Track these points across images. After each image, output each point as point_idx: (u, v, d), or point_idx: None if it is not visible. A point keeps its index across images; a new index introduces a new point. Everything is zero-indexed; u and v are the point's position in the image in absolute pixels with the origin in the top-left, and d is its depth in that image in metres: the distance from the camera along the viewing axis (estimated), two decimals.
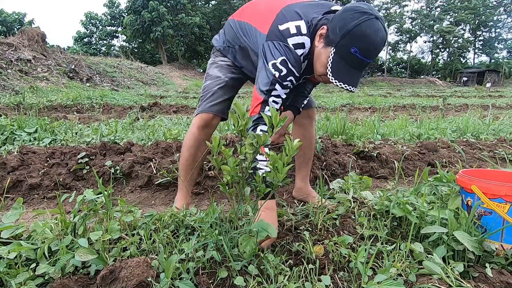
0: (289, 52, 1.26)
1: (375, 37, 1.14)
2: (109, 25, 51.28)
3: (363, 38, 1.13)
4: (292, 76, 1.28)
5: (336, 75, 1.21)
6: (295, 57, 1.27)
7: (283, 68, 1.26)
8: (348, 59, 1.18)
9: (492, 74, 39.62)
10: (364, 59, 1.17)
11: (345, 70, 1.20)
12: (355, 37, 1.14)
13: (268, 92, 1.28)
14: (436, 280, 0.99)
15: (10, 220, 1.15)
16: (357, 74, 1.22)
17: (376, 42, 1.15)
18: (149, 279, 0.95)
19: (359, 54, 1.16)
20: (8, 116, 4.04)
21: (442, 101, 8.00)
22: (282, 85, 1.28)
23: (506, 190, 1.12)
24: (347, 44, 1.15)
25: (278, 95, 1.29)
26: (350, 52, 1.16)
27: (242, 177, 1.14)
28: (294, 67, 1.27)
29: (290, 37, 1.26)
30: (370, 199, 1.52)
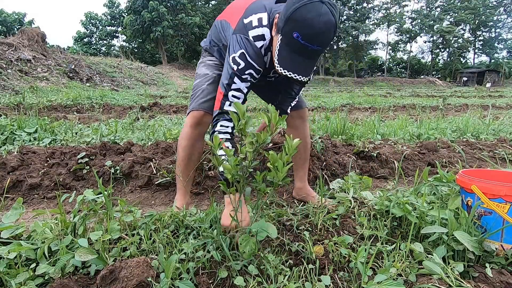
0: (249, 44, 1.25)
1: (317, 21, 1.06)
2: (109, 25, 51.28)
3: (303, 22, 1.07)
4: (251, 69, 1.27)
5: (281, 63, 1.16)
6: (254, 50, 1.25)
7: (241, 61, 1.25)
8: (292, 46, 1.12)
9: (492, 74, 39.62)
10: (307, 44, 1.10)
11: (290, 57, 1.14)
12: (295, 22, 1.08)
13: (228, 86, 1.27)
14: (436, 280, 0.99)
15: (10, 220, 1.15)
16: (305, 61, 1.15)
17: (318, 27, 1.07)
18: (149, 279, 0.95)
19: (301, 39, 1.09)
20: (8, 116, 4.04)
21: (442, 101, 8.00)
22: (241, 78, 1.27)
23: (506, 190, 1.12)
24: (289, 30, 1.10)
25: (238, 88, 1.28)
26: (293, 38, 1.10)
27: (242, 176, 1.14)
28: (254, 60, 1.26)
29: (251, 29, 1.25)
30: (370, 199, 1.52)
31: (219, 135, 1.27)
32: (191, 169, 1.64)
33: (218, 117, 1.29)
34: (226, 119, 1.28)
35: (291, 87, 1.57)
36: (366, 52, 53.68)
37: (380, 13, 51.93)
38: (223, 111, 1.29)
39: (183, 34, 37.58)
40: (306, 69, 1.17)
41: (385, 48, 55.58)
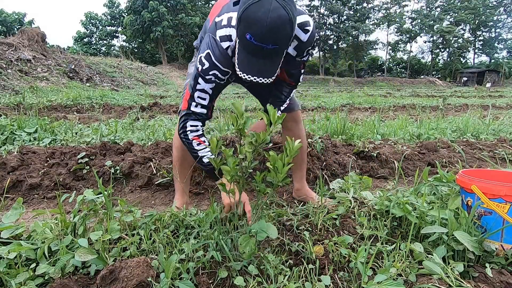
0: (215, 44, 1.22)
1: (266, 19, 1.01)
2: (109, 25, 51.28)
3: (252, 22, 1.02)
4: (215, 70, 1.23)
5: (240, 67, 1.13)
6: (220, 50, 1.22)
7: (206, 61, 1.23)
8: (248, 48, 1.08)
9: (492, 74, 39.62)
10: (260, 44, 1.05)
11: (247, 60, 1.11)
12: (245, 22, 1.04)
13: (193, 87, 1.27)
14: (436, 280, 0.99)
15: (10, 220, 1.15)
16: (264, 63, 1.11)
17: (268, 24, 1.01)
18: (149, 279, 0.95)
19: (254, 40, 1.05)
20: (8, 116, 4.04)
21: (442, 101, 8.00)
22: (205, 79, 1.24)
23: (506, 190, 1.12)
24: (242, 32, 1.07)
25: (202, 89, 1.26)
26: (246, 39, 1.06)
27: (242, 176, 1.14)
28: (219, 61, 1.22)
29: (219, 28, 1.22)
30: (370, 199, 1.52)
31: (192, 134, 1.29)
32: (187, 169, 1.64)
33: (185, 117, 1.30)
34: (194, 119, 1.30)
35: (280, 90, 1.53)
36: (366, 52, 53.67)
37: (380, 13, 51.95)
38: (190, 111, 1.29)
39: (183, 34, 37.59)
40: (267, 71, 1.13)
41: (385, 48, 55.60)
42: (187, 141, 1.31)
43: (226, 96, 10.86)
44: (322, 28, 50.66)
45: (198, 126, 1.31)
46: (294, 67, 1.43)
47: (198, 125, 1.31)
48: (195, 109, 1.29)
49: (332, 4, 48.09)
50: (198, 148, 1.30)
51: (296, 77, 1.49)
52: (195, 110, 1.29)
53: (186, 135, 1.30)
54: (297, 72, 1.47)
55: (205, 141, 1.31)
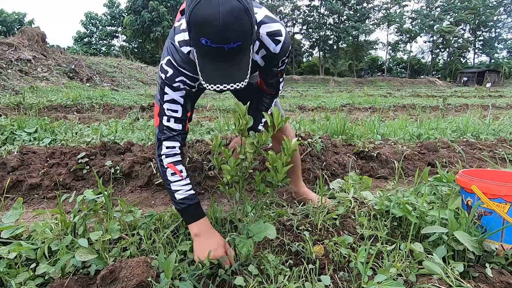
0: (174, 50, 1.11)
1: (216, 15, 0.87)
2: (109, 25, 51.30)
3: (203, 23, 0.89)
4: (182, 76, 1.11)
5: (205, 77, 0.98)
6: (181, 56, 1.10)
7: (169, 68, 1.11)
8: (207, 53, 0.95)
9: (492, 74, 39.61)
10: (220, 46, 0.91)
11: (209, 67, 0.97)
12: (196, 26, 0.91)
13: (162, 99, 1.13)
14: (436, 280, 0.99)
15: (10, 220, 1.15)
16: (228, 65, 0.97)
17: (221, 21, 0.88)
18: (149, 279, 0.95)
19: (211, 43, 0.91)
20: (8, 116, 4.04)
21: (442, 101, 8.00)
22: (172, 87, 1.12)
23: (506, 190, 1.12)
24: (195, 37, 0.93)
25: (172, 99, 1.13)
26: (202, 45, 0.92)
27: (242, 177, 1.14)
28: (182, 66, 1.10)
29: (178, 33, 1.12)
30: (370, 199, 1.52)
31: (168, 159, 1.14)
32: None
33: (160, 136, 1.15)
34: (169, 137, 1.14)
35: (261, 101, 1.43)
36: (366, 52, 53.69)
37: (380, 13, 51.96)
38: (164, 127, 1.15)
39: None
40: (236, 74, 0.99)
41: (385, 48, 55.62)
42: (161, 168, 1.15)
43: (227, 97, 10.86)
44: (322, 28, 50.67)
45: (175, 148, 1.16)
46: (270, 77, 1.34)
47: (176, 146, 1.16)
48: (168, 124, 1.14)
49: (332, 4, 48.10)
50: (171, 179, 1.13)
51: (275, 87, 1.40)
52: (169, 125, 1.15)
53: (161, 160, 1.15)
54: (275, 82, 1.37)
55: (182, 171, 1.14)
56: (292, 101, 9.08)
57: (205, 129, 3.41)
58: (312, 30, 51.85)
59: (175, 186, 1.13)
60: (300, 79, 36.59)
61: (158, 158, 1.16)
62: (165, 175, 1.14)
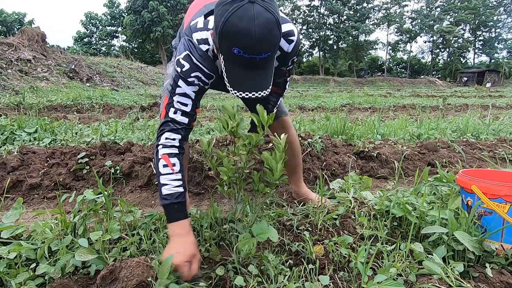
0: (193, 47, 1.12)
1: (251, 28, 0.90)
2: (109, 25, 51.31)
3: (238, 34, 0.92)
4: (198, 71, 1.12)
5: (234, 85, 1.01)
6: (199, 53, 1.12)
7: (186, 63, 1.12)
8: (238, 62, 0.97)
9: (492, 74, 39.60)
10: (253, 56, 0.95)
11: (239, 75, 1.00)
12: (229, 36, 0.93)
13: (173, 91, 1.13)
14: (436, 280, 0.99)
15: (10, 220, 1.15)
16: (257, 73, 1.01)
17: (258, 33, 0.91)
18: (149, 279, 0.95)
19: (244, 53, 0.94)
20: (8, 116, 4.04)
21: (442, 101, 8.00)
22: (187, 81, 1.12)
23: (506, 190, 1.12)
24: (227, 47, 0.95)
25: (183, 93, 1.13)
26: (234, 54, 0.95)
27: (239, 177, 1.14)
28: (201, 62, 1.12)
29: (195, 31, 1.14)
30: (370, 199, 1.52)
31: (164, 150, 1.12)
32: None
33: (163, 127, 1.14)
34: (172, 129, 1.13)
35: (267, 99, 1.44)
36: (366, 52, 53.68)
37: (380, 13, 51.95)
38: (169, 119, 1.13)
39: None
40: (263, 82, 1.03)
41: (385, 48, 55.62)
42: (156, 158, 1.13)
43: (226, 96, 10.86)
44: (322, 28, 50.67)
45: (175, 141, 1.13)
46: (279, 76, 1.35)
47: (176, 139, 1.13)
48: (174, 116, 1.13)
49: (332, 4, 48.09)
50: (162, 171, 1.10)
51: (282, 85, 1.43)
52: (175, 118, 1.13)
53: (157, 150, 1.13)
54: (283, 81, 1.41)
55: (175, 164, 1.11)
56: (292, 101, 9.08)
57: (205, 129, 3.41)
58: (312, 30, 51.84)
59: (164, 179, 1.09)
60: (300, 79, 36.58)
61: (155, 148, 1.14)
62: (157, 166, 1.11)
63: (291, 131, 1.68)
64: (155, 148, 1.14)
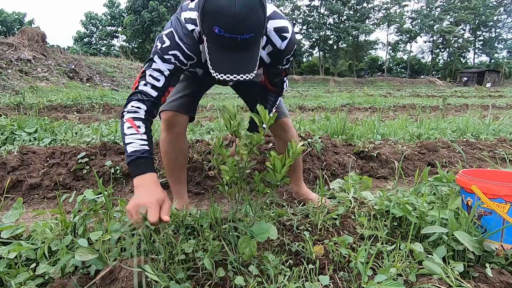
0: (179, 24, 1.12)
1: (231, 6, 0.90)
2: (109, 25, 51.32)
3: (218, 12, 0.91)
4: (177, 50, 1.11)
5: (216, 68, 1.00)
6: (184, 32, 1.12)
7: (167, 40, 1.11)
8: (219, 43, 0.97)
9: (492, 74, 39.61)
10: (234, 36, 0.93)
11: (221, 56, 0.99)
12: (210, 15, 0.93)
13: (148, 65, 1.13)
14: (436, 280, 0.99)
15: (10, 220, 1.15)
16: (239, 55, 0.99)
17: (238, 11, 0.90)
18: (148, 279, 0.95)
19: (225, 32, 0.93)
20: (8, 116, 4.04)
21: (442, 101, 8.00)
22: (163, 58, 1.11)
23: (506, 190, 1.12)
24: (208, 26, 0.95)
25: (158, 69, 1.12)
26: (215, 34, 0.94)
27: (240, 177, 1.14)
28: (183, 41, 1.11)
29: (185, 10, 1.16)
30: (370, 199, 1.52)
31: (129, 115, 1.11)
32: (181, 171, 1.61)
33: (131, 97, 1.14)
34: (138, 99, 1.12)
35: (265, 98, 1.44)
36: (366, 52, 53.71)
37: (380, 13, 51.96)
38: (137, 90, 1.13)
39: None
40: (247, 65, 1.01)
41: (385, 48, 55.63)
42: (121, 123, 1.12)
43: (226, 96, 10.86)
44: (322, 28, 50.67)
45: (140, 109, 1.12)
46: (275, 75, 1.35)
47: (141, 108, 1.12)
48: (144, 88, 1.12)
49: (332, 4, 48.10)
50: (127, 132, 1.09)
51: (279, 85, 1.42)
52: (143, 89, 1.12)
53: (122, 116, 1.13)
54: (279, 81, 1.40)
55: (139, 126, 1.10)
56: (292, 101, 9.08)
57: (205, 129, 3.41)
58: (312, 30, 51.84)
59: (129, 138, 1.07)
60: (300, 79, 36.59)
61: (120, 116, 1.13)
62: (122, 130, 1.10)
63: (291, 132, 1.68)
64: (120, 115, 1.14)
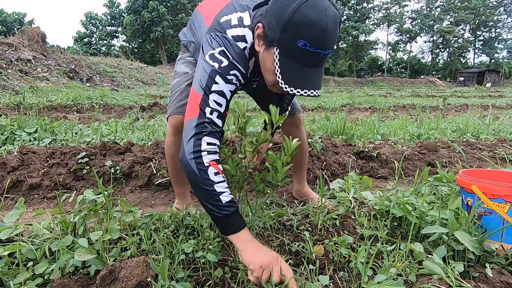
0: (228, 43, 1.04)
1: (323, 19, 0.86)
2: (109, 25, 51.31)
3: (307, 25, 0.86)
4: (236, 70, 1.04)
5: (289, 81, 0.94)
6: (235, 50, 1.04)
7: (224, 59, 1.03)
8: (299, 57, 0.92)
9: (492, 74, 39.63)
10: (318, 51, 0.90)
11: (299, 71, 0.94)
12: (297, 27, 0.87)
13: (207, 88, 1.01)
14: (436, 280, 0.99)
15: (11, 220, 1.15)
16: (315, 71, 0.96)
17: (327, 26, 0.87)
18: (148, 279, 0.95)
19: (310, 47, 0.89)
20: (8, 116, 4.04)
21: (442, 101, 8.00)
22: (225, 78, 1.02)
23: (506, 190, 1.12)
24: (290, 38, 0.89)
25: (221, 91, 1.01)
26: (298, 47, 0.89)
27: (242, 176, 1.14)
28: (236, 61, 1.04)
29: (229, 28, 1.07)
30: (370, 199, 1.52)
31: (210, 156, 0.99)
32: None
33: (200, 129, 0.99)
34: (211, 132, 1.00)
35: (282, 97, 1.44)
36: (366, 52, 53.68)
37: (380, 13, 51.95)
38: (206, 120, 1.00)
39: None
40: (318, 80, 0.97)
41: (385, 48, 55.63)
42: (199, 166, 0.97)
43: None
44: None
45: (215, 146, 1.01)
46: None
47: (216, 144, 1.01)
48: (211, 117, 1.00)
49: None
50: (215, 179, 0.97)
51: None
52: (212, 118, 1.00)
53: (200, 156, 0.98)
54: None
55: (223, 171, 1.02)
56: None
57: None
58: None
59: (219, 187, 0.97)
60: None
61: (194, 154, 0.98)
62: (205, 175, 0.97)
63: (302, 128, 1.70)
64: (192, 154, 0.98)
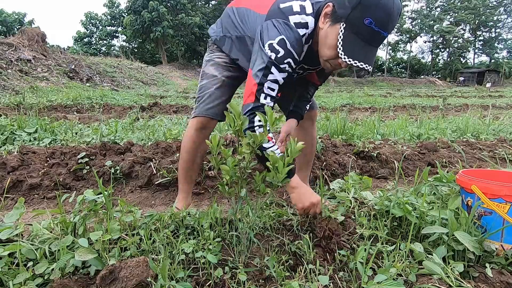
0: (289, 30, 1.14)
1: (390, 4, 1.02)
2: (109, 25, 51.29)
3: (377, 6, 1.01)
4: (290, 58, 1.16)
5: (350, 54, 1.08)
6: (296, 37, 1.15)
7: (281, 49, 1.14)
8: (363, 33, 1.05)
9: (492, 74, 39.62)
10: (380, 31, 1.04)
11: (360, 46, 1.07)
12: (368, 6, 1.02)
13: (264, 76, 1.16)
14: (436, 280, 0.99)
15: (11, 220, 1.15)
16: (373, 50, 1.10)
17: (393, 10, 1.03)
18: (148, 279, 0.95)
19: (375, 26, 1.03)
20: (8, 116, 4.04)
21: (442, 101, 8.00)
22: (279, 68, 1.16)
23: (506, 190, 1.12)
24: (359, 16, 1.03)
25: (275, 79, 1.17)
26: (364, 24, 1.03)
27: (241, 177, 1.13)
28: (294, 48, 1.15)
29: (292, 14, 1.16)
30: (370, 199, 1.52)
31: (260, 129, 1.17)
32: (195, 172, 1.63)
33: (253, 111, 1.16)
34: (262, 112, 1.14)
35: (307, 90, 1.53)
36: None
37: None
38: (259, 104, 1.16)
39: (183, 34, 37.60)
40: (372, 57, 1.11)
41: (385, 48, 55.59)
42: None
43: None
44: None
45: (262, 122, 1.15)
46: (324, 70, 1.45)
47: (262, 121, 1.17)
48: (264, 101, 1.16)
49: None
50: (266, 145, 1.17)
51: (325, 78, 1.54)
52: (265, 102, 1.16)
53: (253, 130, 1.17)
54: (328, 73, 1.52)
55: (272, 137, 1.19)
56: None
57: None
58: None
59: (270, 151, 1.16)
60: None
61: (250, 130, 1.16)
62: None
63: (315, 124, 1.79)
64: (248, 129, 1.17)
